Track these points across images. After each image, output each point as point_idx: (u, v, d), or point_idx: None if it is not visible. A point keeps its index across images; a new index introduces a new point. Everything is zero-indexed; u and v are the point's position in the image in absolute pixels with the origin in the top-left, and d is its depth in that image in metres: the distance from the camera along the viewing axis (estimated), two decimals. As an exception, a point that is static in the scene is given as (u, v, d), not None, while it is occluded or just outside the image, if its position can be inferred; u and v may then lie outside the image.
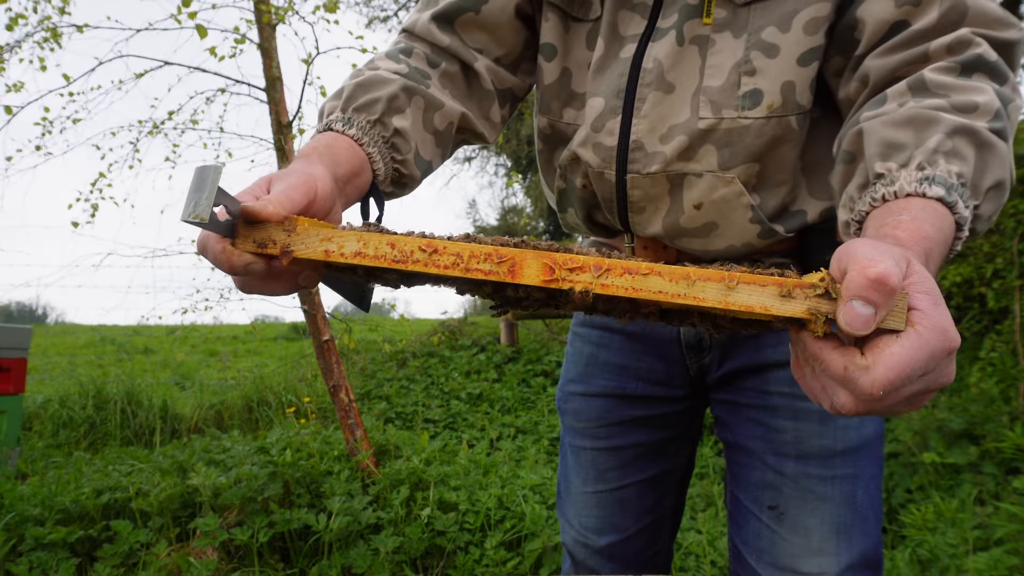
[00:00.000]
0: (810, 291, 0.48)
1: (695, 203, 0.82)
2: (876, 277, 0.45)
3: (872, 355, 0.46)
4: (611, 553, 1.05)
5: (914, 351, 0.45)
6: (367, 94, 0.80)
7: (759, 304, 0.49)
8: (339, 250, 0.57)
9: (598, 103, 0.86)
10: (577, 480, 1.07)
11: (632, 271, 0.51)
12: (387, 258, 0.56)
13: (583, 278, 0.52)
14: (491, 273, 0.54)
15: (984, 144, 0.61)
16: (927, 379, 0.48)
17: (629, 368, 1.02)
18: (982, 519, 2.29)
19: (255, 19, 2.93)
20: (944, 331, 0.46)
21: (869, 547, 0.87)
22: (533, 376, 4.94)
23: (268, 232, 0.58)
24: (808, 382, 0.54)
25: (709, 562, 2.24)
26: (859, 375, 0.46)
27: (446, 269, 0.55)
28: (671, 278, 0.51)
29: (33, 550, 2.11)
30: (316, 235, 0.57)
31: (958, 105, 0.63)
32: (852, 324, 0.45)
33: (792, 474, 0.88)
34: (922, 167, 0.60)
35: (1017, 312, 3.05)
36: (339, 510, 2.21)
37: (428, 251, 0.55)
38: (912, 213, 0.57)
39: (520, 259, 0.54)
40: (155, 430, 4.24)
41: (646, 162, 0.82)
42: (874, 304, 0.45)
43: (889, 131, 0.63)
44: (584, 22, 0.89)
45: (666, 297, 0.51)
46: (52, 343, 8.94)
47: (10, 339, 3.41)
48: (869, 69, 0.72)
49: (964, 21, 0.68)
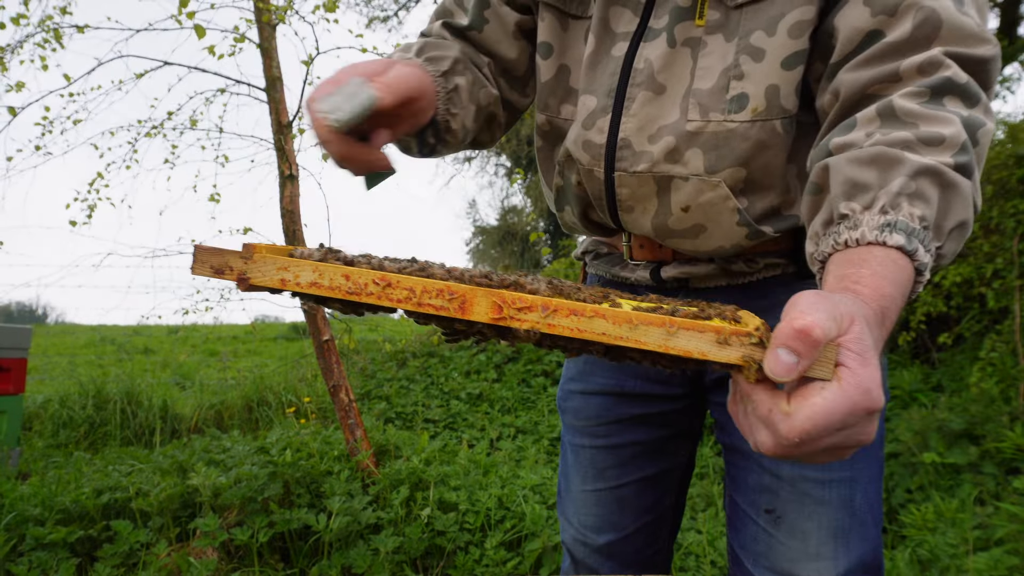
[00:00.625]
0: (746, 339, 0.50)
1: (682, 206, 0.83)
2: (801, 328, 0.47)
3: (795, 403, 0.48)
4: (610, 552, 1.05)
5: (834, 405, 0.47)
6: (436, 51, 0.89)
7: (697, 350, 0.51)
8: (295, 279, 0.58)
9: (590, 101, 0.87)
10: (577, 478, 1.07)
11: (578, 313, 0.53)
12: (342, 290, 0.57)
13: (531, 317, 0.54)
14: (442, 309, 0.55)
15: (948, 185, 0.62)
16: (845, 434, 0.49)
17: (627, 366, 1.02)
18: (982, 519, 2.29)
19: (255, 19, 2.93)
20: (868, 391, 0.48)
21: (868, 551, 0.86)
22: (533, 376, 4.94)
23: (225, 259, 0.59)
24: (739, 418, 0.55)
25: (709, 562, 2.24)
26: (780, 420, 0.49)
27: (398, 303, 0.56)
28: (615, 321, 0.52)
29: (33, 550, 2.11)
30: (273, 264, 0.59)
31: (924, 138, 0.63)
32: (775, 370, 0.47)
33: (789, 477, 0.88)
34: (885, 210, 0.61)
35: (1017, 312, 3.05)
36: (339, 510, 2.21)
37: (382, 284, 0.56)
38: (872, 267, 0.58)
39: (471, 296, 0.55)
40: (155, 430, 4.24)
41: (633, 160, 0.83)
42: (797, 353, 0.47)
43: (854, 169, 0.64)
44: (582, 19, 0.90)
45: (609, 339, 0.53)
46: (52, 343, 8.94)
47: (10, 339, 3.41)
48: (841, 83, 0.72)
49: (938, 35, 0.67)
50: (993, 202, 3.30)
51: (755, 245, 0.87)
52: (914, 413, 3.04)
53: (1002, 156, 3.36)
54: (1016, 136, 3.49)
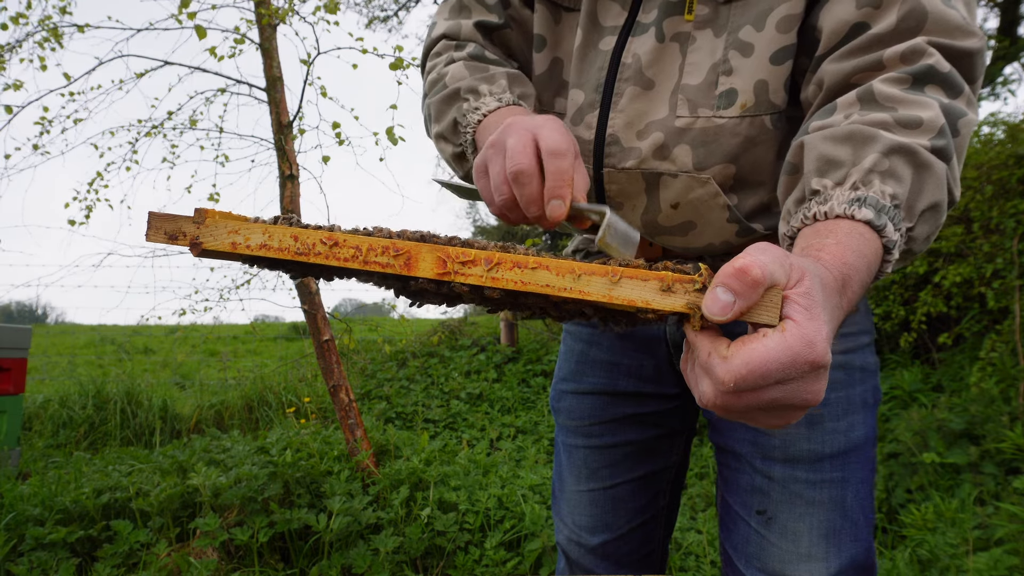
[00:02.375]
0: (689, 285, 0.49)
1: (671, 202, 0.83)
2: (740, 267, 0.46)
3: (735, 347, 0.47)
4: (604, 552, 1.05)
5: (774, 352, 0.45)
6: (521, 86, 0.88)
7: (640, 298, 0.50)
8: (245, 242, 0.59)
9: (578, 96, 0.86)
10: (570, 479, 1.07)
11: (521, 265, 0.53)
12: (290, 250, 0.58)
13: (474, 272, 0.54)
14: (388, 266, 0.56)
15: (922, 165, 0.61)
16: (787, 388, 0.47)
17: (620, 365, 1.02)
18: (982, 519, 2.29)
19: (255, 19, 2.93)
20: (812, 343, 0.46)
21: (859, 552, 0.86)
22: (533, 376, 4.94)
23: (178, 224, 0.61)
24: (687, 374, 0.54)
25: (709, 562, 2.24)
26: (717, 363, 0.47)
27: (346, 262, 0.57)
28: (558, 272, 0.52)
29: (33, 550, 2.11)
30: (224, 227, 0.60)
31: (902, 120, 0.63)
32: (711, 308, 0.46)
33: (780, 478, 0.87)
34: (856, 186, 0.60)
35: (1017, 312, 3.05)
36: (339, 510, 2.21)
37: (329, 244, 0.57)
38: (837, 237, 0.57)
39: (415, 252, 0.55)
40: (155, 430, 4.24)
41: (621, 157, 0.83)
42: (734, 292, 0.46)
43: (828, 147, 0.64)
44: (574, 11, 0.90)
45: (553, 291, 0.52)
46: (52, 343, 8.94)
47: (10, 339, 3.41)
48: (824, 73, 0.72)
49: (923, 27, 0.67)
50: (993, 202, 3.30)
51: (745, 242, 0.86)
52: (914, 413, 3.04)
53: (1002, 156, 3.35)
54: (1016, 136, 3.49)
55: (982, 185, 3.33)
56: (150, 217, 0.61)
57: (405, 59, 2.97)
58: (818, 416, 0.86)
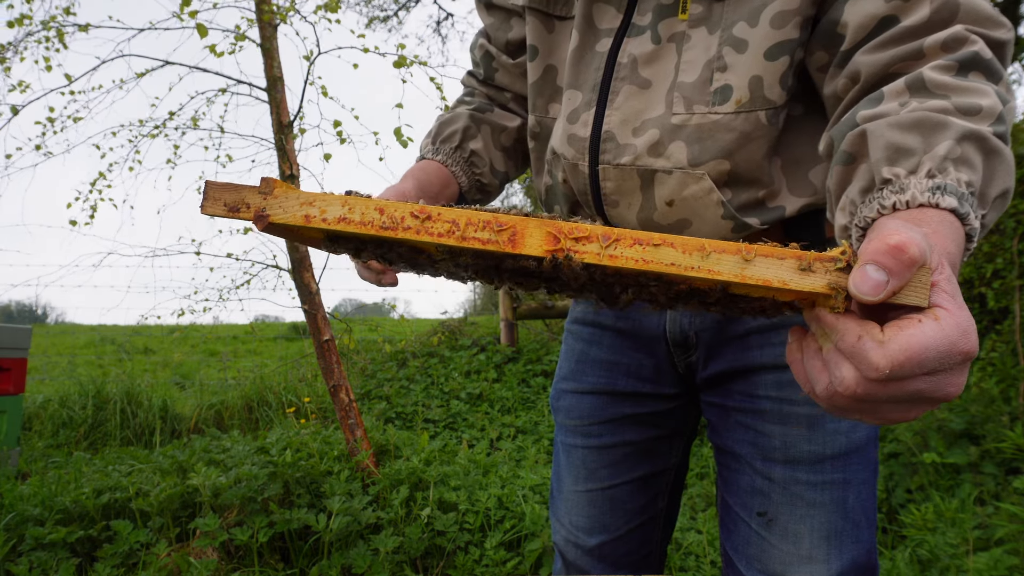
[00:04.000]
0: (830, 264, 0.45)
1: (666, 200, 0.83)
2: (896, 244, 0.43)
3: (890, 331, 0.44)
4: (601, 553, 1.04)
5: (933, 339, 0.43)
6: (448, 128, 1.03)
7: (776, 278, 0.46)
8: (321, 215, 0.52)
9: (575, 96, 0.87)
10: (569, 479, 1.07)
11: (643, 242, 0.47)
12: (375, 224, 0.51)
13: (590, 248, 0.48)
14: (489, 242, 0.49)
15: (991, 151, 0.59)
16: (935, 379, 0.45)
17: (619, 364, 1.02)
18: (982, 519, 2.29)
19: (256, 18, 2.93)
20: (966, 332, 0.44)
21: (861, 554, 0.86)
22: (533, 376, 4.94)
23: (241, 195, 0.54)
24: (806, 361, 0.51)
25: (709, 562, 2.24)
26: (871, 347, 0.44)
27: (440, 237, 0.50)
28: (684, 249, 0.47)
29: (33, 550, 2.11)
30: (296, 198, 0.53)
31: (961, 107, 0.61)
32: (860, 287, 0.43)
33: (781, 480, 0.87)
34: (932, 174, 0.58)
35: (1017, 312, 3.05)
36: (339, 510, 2.21)
37: (421, 217, 0.50)
38: (932, 226, 0.54)
39: (522, 227, 0.49)
40: (155, 430, 4.24)
41: (616, 153, 0.83)
42: (888, 270, 0.43)
43: (896, 134, 0.61)
44: (567, 19, 0.91)
45: (679, 270, 0.47)
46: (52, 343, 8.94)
47: (10, 339, 3.41)
48: (860, 65, 0.70)
49: (955, 18, 0.67)
50: (993, 202, 3.30)
51: (743, 239, 0.86)
52: (914, 413, 3.03)
53: (1002, 156, 3.35)
54: (1016, 136, 3.49)
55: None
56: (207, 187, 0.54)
57: (408, 57, 2.97)
58: (819, 417, 0.86)
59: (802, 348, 0.52)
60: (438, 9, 11.96)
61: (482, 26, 1.08)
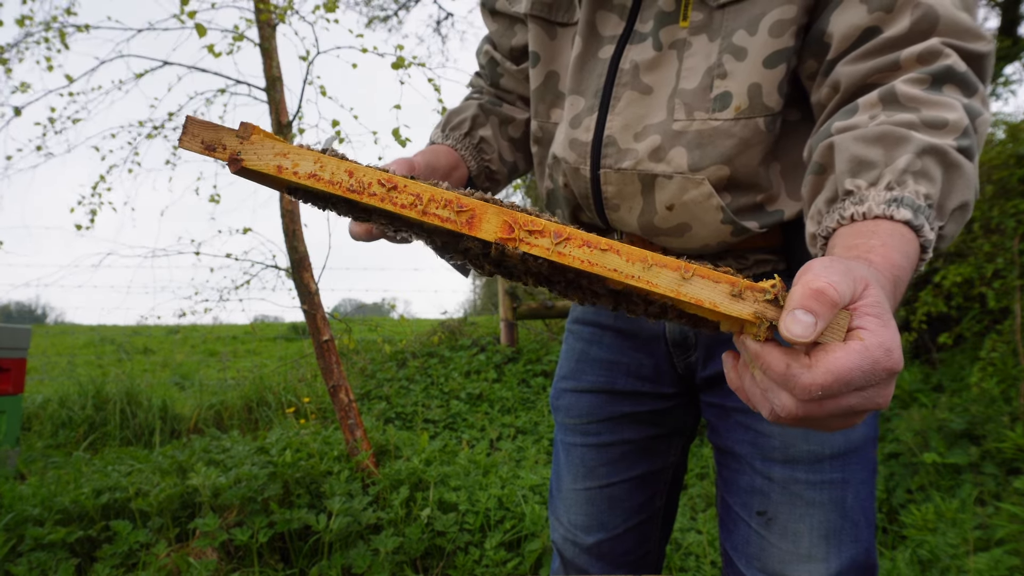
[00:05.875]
0: (760, 295, 0.48)
1: (667, 204, 0.84)
2: (818, 289, 0.46)
3: (816, 356, 0.48)
4: (599, 552, 1.05)
5: (856, 359, 0.47)
6: (457, 117, 1.05)
7: (708, 299, 0.49)
8: (293, 167, 0.53)
9: (577, 102, 0.89)
10: (567, 477, 1.07)
11: (591, 244, 0.50)
12: (342, 186, 0.53)
13: (541, 243, 0.51)
14: (448, 221, 0.52)
15: (952, 165, 0.62)
16: (864, 394, 0.48)
17: (619, 364, 1.03)
18: (983, 519, 2.29)
19: (255, 18, 2.93)
20: (889, 350, 0.47)
21: (860, 553, 0.87)
22: (533, 376, 4.94)
23: (219, 135, 0.54)
24: (747, 388, 0.54)
25: (709, 562, 2.24)
26: (800, 372, 0.47)
27: (402, 208, 0.52)
28: (628, 258, 0.49)
29: (33, 550, 2.11)
30: (271, 148, 0.54)
31: (928, 121, 0.63)
32: (793, 331, 0.46)
33: (780, 479, 0.88)
34: (891, 187, 0.61)
35: (1018, 312, 3.05)
36: (339, 510, 2.20)
37: (387, 186, 0.52)
38: (881, 238, 0.58)
39: (481, 211, 0.52)
40: (155, 430, 4.24)
41: (618, 158, 0.84)
42: (814, 314, 0.46)
43: (860, 147, 0.64)
44: (569, 26, 0.93)
45: (620, 276, 0.49)
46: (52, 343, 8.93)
47: (10, 339, 3.41)
48: (840, 76, 0.72)
49: (935, 30, 0.68)
50: (993, 202, 3.30)
51: (742, 242, 0.87)
52: (914, 413, 3.04)
53: (1002, 156, 3.35)
54: (1016, 136, 3.49)
55: (982, 185, 3.33)
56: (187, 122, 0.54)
57: (406, 58, 2.97)
58: None
59: (740, 376, 0.55)
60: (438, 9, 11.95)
61: (487, 32, 1.10)
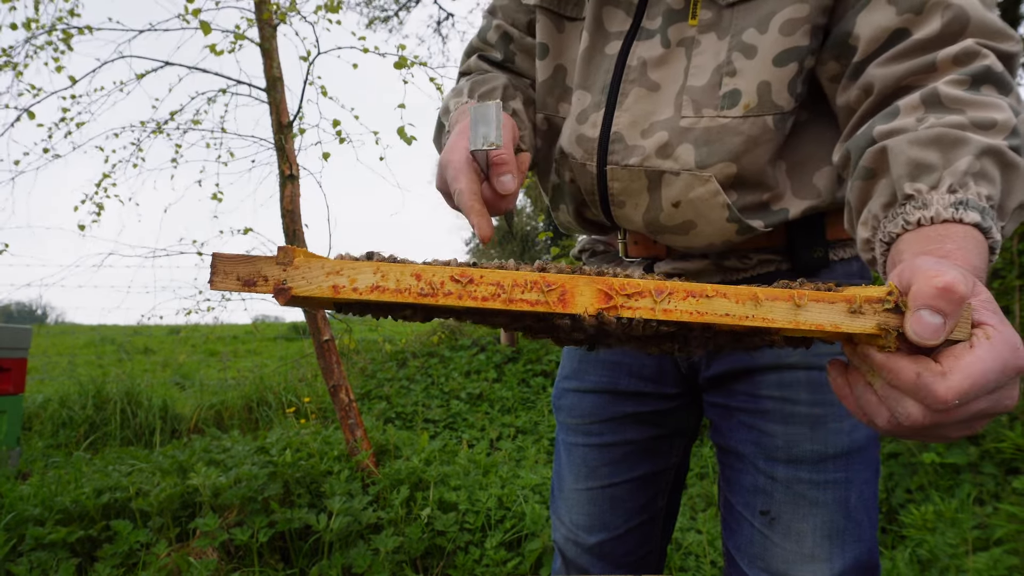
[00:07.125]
0: (879, 306, 0.47)
1: (673, 201, 0.83)
2: (944, 286, 0.44)
3: (948, 362, 0.46)
4: (601, 552, 1.05)
5: (989, 361, 0.45)
6: (485, 86, 0.94)
7: (829, 322, 0.47)
8: (351, 284, 0.49)
9: (584, 97, 0.88)
10: (569, 477, 1.07)
11: (696, 294, 0.48)
12: (412, 291, 0.49)
13: (643, 304, 0.48)
14: (538, 303, 0.48)
15: (1008, 164, 0.61)
16: (994, 396, 0.47)
17: (622, 364, 1.02)
18: (982, 519, 2.29)
19: (255, 18, 2.93)
20: (1016, 347, 0.46)
21: (863, 552, 0.87)
22: (533, 376, 4.94)
23: (256, 267, 0.49)
24: (859, 396, 0.52)
25: (709, 562, 2.24)
26: (934, 381, 0.45)
27: (484, 301, 0.48)
28: (737, 299, 0.48)
29: (33, 550, 2.11)
30: (320, 267, 0.49)
31: (977, 122, 0.62)
32: (921, 334, 0.45)
33: (783, 479, 0.88)
34: (953, 189, 0.59)
35: (1017, 312, 3.05)
36: (339, 510, 2.21)
37: (463, 281, 0.49)
38: (956, 242, 0.56)
39: (571, 286, 0.49)
40: (155, 430, 4.24)
41: (625, 154, 0.84)
42: (942, 313, 0.44)
43: (916, 150, 0.62)
44: (577, 20, 0.92)
45: (733, 320, 0.48)
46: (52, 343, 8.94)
47: (10, 339, 3.41)
48: (873, 78, 0.71)
49: (966, 31, 0.68)
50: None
51: (746, 241, 0.87)
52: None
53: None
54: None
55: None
56: (215, 260, 0.49)
57: (408, 58, 2.97)
58: (821, 416, 0.87)
59: (849, 383, 0.53)
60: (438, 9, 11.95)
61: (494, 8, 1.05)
